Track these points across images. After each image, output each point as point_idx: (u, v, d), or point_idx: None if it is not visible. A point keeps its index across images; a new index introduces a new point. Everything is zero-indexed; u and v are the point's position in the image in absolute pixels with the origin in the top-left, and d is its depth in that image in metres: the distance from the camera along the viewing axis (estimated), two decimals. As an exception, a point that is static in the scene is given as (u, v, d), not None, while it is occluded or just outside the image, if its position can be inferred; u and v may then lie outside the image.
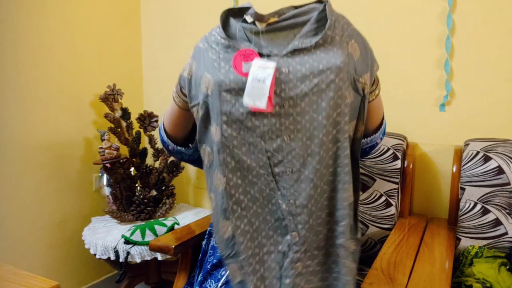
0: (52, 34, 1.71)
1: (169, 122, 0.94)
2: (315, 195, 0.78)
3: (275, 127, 0.77)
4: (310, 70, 0.74)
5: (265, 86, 0.70)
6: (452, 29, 1.42)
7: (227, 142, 0.76)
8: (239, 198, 0.78)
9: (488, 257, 1.14)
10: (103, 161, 1.67)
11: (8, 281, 0.83)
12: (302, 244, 0.79)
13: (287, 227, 0.79)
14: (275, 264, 0.80)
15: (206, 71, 0.77)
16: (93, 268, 1.93)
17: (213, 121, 0.77)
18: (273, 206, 0.80)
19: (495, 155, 1.21)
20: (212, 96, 0.76)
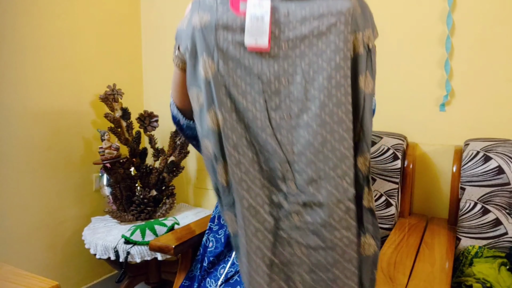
0: (52, 34, 1.71)
1: (175, 92, 0.90)
2: (314, 143, 0.73)
3: (273, 69, 0.74)
4: (310, 13, 0.72)
5: (264, 23, 0.69)
6: (452, 29, 1.42)
7: (224, 79, 0.73)
8: (237, 142, 0.74)
9: (488, 257, 1.14)
10: (103, 161, 1.67)
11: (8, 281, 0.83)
12: (299, 195, 0.74)
13: (284, 178, 0.75)
14: (270, 217, 0.75)
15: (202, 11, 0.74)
16: (93, 268, 1.93)
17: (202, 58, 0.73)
18: (269, 154, 0.75)
19: (495, 155, 1.21)
20: (205, 30, 0.73)
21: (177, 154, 1.84)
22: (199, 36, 0.73)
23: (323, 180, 0.73)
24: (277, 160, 0.74)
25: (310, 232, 0.75)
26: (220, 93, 0.73)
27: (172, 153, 1.85)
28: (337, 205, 0.73)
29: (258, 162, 0.75)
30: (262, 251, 0.75)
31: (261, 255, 0.75)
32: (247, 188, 0.74)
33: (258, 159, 0.75)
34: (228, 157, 0.73)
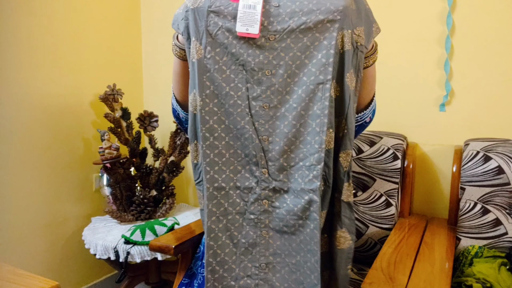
0: (52, 34, 1.71)
1: (175, 83, 0.91)
2: (289, 135, 0.76)
3: (258, 59, 0.76)
4: (300, 8, 0.74)
5: (256, 12, 0.71)
6: (452, 29, 1.42)
7: (209, 64, 0.76)
8: (213, 126, 0.77)
9: (488, 257, 1.14)
10: (103, 161, 1.67)
11: (8, 281, 0.83)
12: (270, 181, 0.78)
13: (257, 163, 0.78)
14: (240, 200, 0.80)
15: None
16: (93, 268, 1.93)
17: (192, 39, 0.76)
18: (245, 141, 0.78)
19: (495, 155, 1.21)
20: (198, 13, 0.75)
21: (177, 154, 1.84)
22: (192, 18, 0.75)
23: (292, 169, 0.78)
24: (253, 147, 0.78)
25: (277, 217, 0.80)
26: (203, 78, 0.76)
27: (172, 153, 1.85)
28: (302, 196, 0.77)
29: (234, 147, 0.79)
30: (229, 231, 0.80)
31: (228, 234, 0.80)
32: (218, 169, 0.78)
33: (235, 145, 0.79)
34: (201, 138, 0.77)
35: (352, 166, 0.87)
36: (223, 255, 0.80)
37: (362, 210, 1.39)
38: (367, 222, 1.38)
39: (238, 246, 0.80)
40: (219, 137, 0.78)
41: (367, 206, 1.39)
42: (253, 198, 0.80)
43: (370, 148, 1.40)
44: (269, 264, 0.81)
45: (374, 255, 1.13)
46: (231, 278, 0.80)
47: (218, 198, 0.79)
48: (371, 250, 1.39)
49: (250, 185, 0.80)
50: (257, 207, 0.79)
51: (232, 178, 0.80)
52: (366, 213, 1.39)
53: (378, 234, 1.37)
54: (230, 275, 0.80)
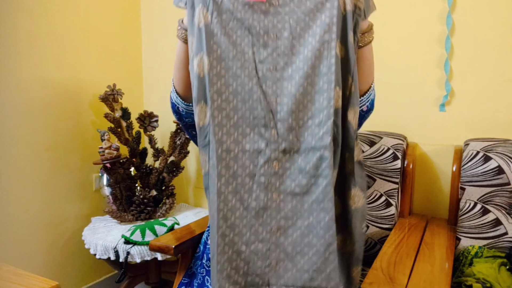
0: (52, 34, 1.71)
1: (178, 72, 0.90)
2: (297, 95, 0.77)
3: (263, 23, 0.78)
4: None
5: None
6: (452, 29, 1.42)
7: (216, 29, 0.77)
8: (221, 88, 0.78)
9: (488, 257, 1.14)
10: (103, 161, 1.67)
11: (8, 281, 0.83)
12: (280, 143, 0.78)
13: (266, 126, 0.79)
14: (249, 162, 0.79)
15: None
16: (93, 268, 1.93)
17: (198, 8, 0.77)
18: (254, 103, 0.79)
19: (495, 155, 1.21)
20: None
21: (177, 154, 1.84)
22: None
23: (301, 128, 0.78)
24: (261, 109, 0.78)
25: (288, 178, 0.79)
26: (210, 42, 0.77)
27: (172, 153, 1.85)
28: (313, 153, 0.77)
29: (242, 110, 0.79)
30: (239, 193, 0.79)
31: (238, 197, 0.79)
32: (226, 132, 0.78)
33: (243, 107, 0.79)
34: (210, 100, 0.77)
35: None
36: (234, 219, 0.78)
37: (362, 210, 1.39)
38: (367, 222, 1.38)
39: (249, 210, 0.79)
40: (226, 100, 0.78)
41: (367, 206, 1.39)
42: (263, 160, 0.79)
43: (370, 148, 1.40)
44: (281, 228, 0.80)
45: (374, 255, 1.13)
46: (242, 243, 0.79)
47: (227, 161, 0.78)
48: (371, 250, 1.39)
49: (259, 148, 0.79)
50: (268, 169, 0.79)
51: (241, 141, 0.79)
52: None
53: (378, 234, 1.37)
54: (241, 239, 0.79)
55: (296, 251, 0.79)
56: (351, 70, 0.79)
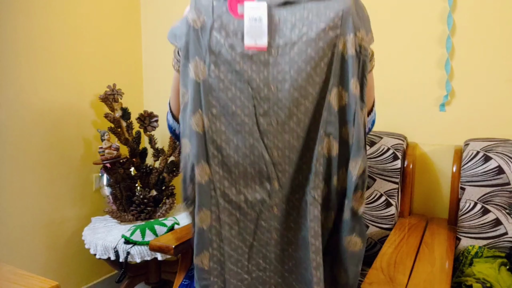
0: (52, 34, 1.71)
1: (174, 99, 0.90)
2: (297, 146, 0.77)
3: (263, 75, 0.75)
4: (301, 20, 0.73)
5: (263, 24, 0.70)
6: (453, 29, 1.42)
7: (214, 83, 0.74)
8: (221, 145, 0.76)
9: (488, 257, 1.14)
10: (103, 161, 1.67)
11: (8, 281, 0.83)
12: (281, 191, 0.79)
13: (269, 178, 0.78)
14: (251, 211, 0.80)
15: (198, 11, 0.75)
16: (93, 268, 1.93)
17: (194, 60, 0.74)
18: (255, 158, 0.77)
19: (495, 155, 1.21)
20: (200, 31, 0.74)
21: (177, 154, 1.84)
22: (194, 36, 0.74)
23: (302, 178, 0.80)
24: (263, 163, 0.78)
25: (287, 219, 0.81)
26: (208, 97, 0.74)
27: (172, 153, 1.85)
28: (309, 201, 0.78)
29: (244, 164, 0.78)
30: (243, 236, 0.81)
31: (242, 239, 0.81)
32: (229, 185, 0.78)
33: (245, 161, 0.78)
34: (210, 158, 0.76)
35: None
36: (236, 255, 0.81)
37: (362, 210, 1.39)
38: (367, 222, 1.38)
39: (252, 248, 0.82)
40: (227, 156, 0.77)
41: (367, 206, 1.39)
42: (264, 208, 0.80)
43: (370, 148, 1.40)
44: (277, 258, 0.82)
45: (374, 255, 1.13)
46: (244, 272, 0.81)
47: (232, 211, 0.80)
48: (371, 250, 1.39)
49: (262, 198, 0.79)
50: (268, 214, 0.80)
51: (244, 193, 0.79)
52: (366, 213, 1.38)
53: (378, 234, 1.37)
54: (243, 270, 0.81)
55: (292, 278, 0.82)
56: (351, 119, 0.76)
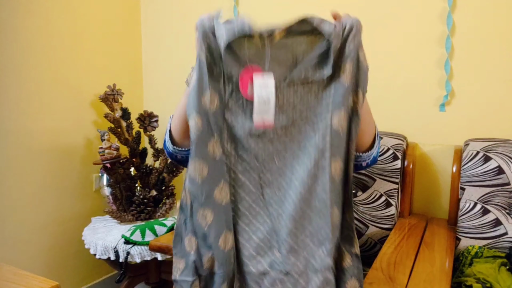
0: (52, 34, 1.71)
1: (180, 124, 0.90)
2: (296, 217, 0.80)
3: (268, 150, 0.82)
4: (306, 103, 0.80)
5: (271, 105, 0.75)
6: (452, 29, 1.42)
7: (227, 159, 0.82)
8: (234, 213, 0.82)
9: (488, 257, 1.14)
10: (103, 161, 1.67)
11: (8, 281, 0.83)
12: (284, 264, 0.80)
13: (271, 247, 0.81)
14: (254, 284, 0.82)
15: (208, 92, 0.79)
16: (93, 268, 1.93)
17: (213, 138, 0.80)
18: (260, 224, 0.82)
19: (495, 155, 1.21)
20: (216, 113, 0.80)
21: (177, 154, 1.84)
22: (213, 118, 0.80)
23: (301, 249, 0.81)
24: (266, 230, 0.81)
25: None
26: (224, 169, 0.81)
27: (172, 153, 1.84)
28: (316, 275, 0.80)
29: (249, 233, 0.82)
30: None
31: None
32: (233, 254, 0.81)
33: (249, 229, 0.82)
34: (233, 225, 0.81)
35: None
36: None
37: (362, 210, 1.39)
38: (367, 222, 1.38)
39: None
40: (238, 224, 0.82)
41: (367, 206, 1.39)
42: (268, 282, 0.81)
43: (370, 148, 1.40)
44: None
45: (374, 255, 1.13)
46: None
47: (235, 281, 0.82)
48: (371, 250, 1.39)
49: (264, 269, 0.82)
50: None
51: (246, 263, 0.82)
52: (366, 213, 1.38)
53: (378, 234, 1.37)
54: None
55: None
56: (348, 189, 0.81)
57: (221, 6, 1.85)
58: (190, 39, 2.00)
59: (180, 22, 2.02)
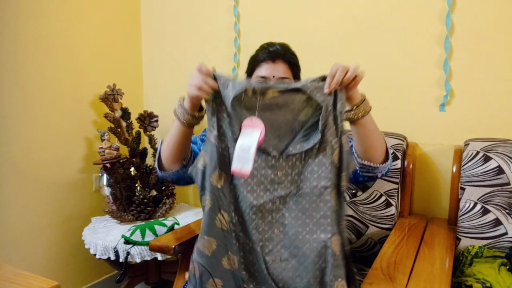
0: (52, 34, 1.71)
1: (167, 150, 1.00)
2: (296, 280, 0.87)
3: (267, 220, 0.89)
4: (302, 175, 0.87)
5: (250, 154, 0.78)
6: (451, 29, 1.42)
7: (235, 228, 0.89)
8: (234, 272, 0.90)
9: (488, 257, 1.14)
10: (103, 161, 1.67)
11: (8, 281, 0.83)
12: None
13: None
14: None
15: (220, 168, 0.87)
16: (93, 268, 1.93)
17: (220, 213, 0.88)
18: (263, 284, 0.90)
19: (495, 155, 1.21)
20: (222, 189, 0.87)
21: (177, 154, 1.84)
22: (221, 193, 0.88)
23: None
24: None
25: None
26: (232, 241, 0.89)
27: (172, 153, 1.84)
28: None
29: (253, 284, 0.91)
30: None
31: None
32: None
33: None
34: None
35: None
36: None
37: (362, 210, 1.39)
38: (367, 222, 1.38)
39: None
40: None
41: (367, 206, 1.39)
42: None
43: (370, 148, 1.40)
44: None
45: (374, 255, 1.13)
46: None
47: None
48: (371, 250, 1.39)
49: None
50: None
51: None
52: (366, 213, 1.39)
53: (378, 234, 1.37)
54: None
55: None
56: None
57: (221, 6, 1.84)
58: (190, 39, 2.00)
59: (180, 22, 2.02)
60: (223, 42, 1.88)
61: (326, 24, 1.64)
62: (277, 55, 1.03)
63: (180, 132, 0.95)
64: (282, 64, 1.03)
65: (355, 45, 1.58)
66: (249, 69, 1.09)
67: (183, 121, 0.92)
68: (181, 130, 0.95)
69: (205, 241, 0.89)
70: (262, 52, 1.05)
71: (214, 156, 0.87)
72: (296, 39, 1.49)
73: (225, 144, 0.87)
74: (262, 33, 1.76)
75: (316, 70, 1.70)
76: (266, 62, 1.03)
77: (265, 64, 1.03)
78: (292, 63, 1.06)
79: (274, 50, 1.03)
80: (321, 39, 1.65)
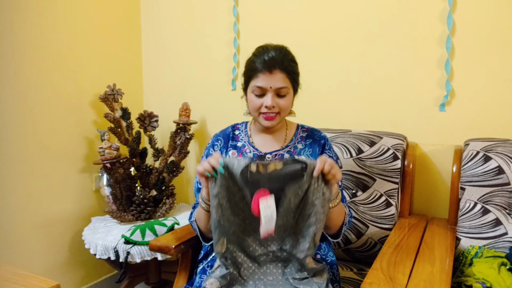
0: (52, 34, 1.71)
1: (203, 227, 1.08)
2: None
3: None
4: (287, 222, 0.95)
5: (273, 220, 0.89)
6: (453, 29, 1.42)
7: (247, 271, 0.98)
8: None
9: (488, 257, 1.14)
10: (103, 161, 1.67)
11: (8, 281, 0.83)
12: None
13: None
14: None
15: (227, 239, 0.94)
16: (93, 268, 1.93)
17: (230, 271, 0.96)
18: None
19: (495, 155, 1.21)
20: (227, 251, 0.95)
21: (177, 154, 1.84)
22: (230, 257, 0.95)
23: None
24: None
25: None
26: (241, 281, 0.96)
27: (172, 153, 1.85)
28: None
29: None
30: None
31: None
32: None
33: None
34: None
35: (353, 166, 0.96)
36: None
37: (362, 210, 1.39)
38: (367, 222, 1.38)
39: None
40: None
41: (367, 206, 1.39)
42: None
43: (370, 148, 1.40)
44: None
45: (374, 255, 1.13)
46: None
47: None
48: (371, 250, 1.39)
49: None
50: None
51: None
52: (366, 213, 1.38)
53: (378, 234, 1.37)
54: None
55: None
56: None
57: (221, 6, 1.84)
58: (190, 39, 2.00)
59: (180, 22, 2.02)
60: (222, 42, 1.88)
61: (327, 23, 1.63)
62: (274, 64, 1.00)
63: (205, 215, 1.03)
64: (280, 74, 1.01)
65: (355, 45, 1.58)
66: (246, 77, 1.08)
67: (205, 208, 1.01)
68: (205, 214, 1.02)
69: None
70: (258, 60, 1.02)
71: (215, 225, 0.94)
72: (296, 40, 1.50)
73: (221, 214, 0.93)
74: (262, 33, 1.76)
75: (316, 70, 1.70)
76: (263, 72, 1.01)
77: (261, 75, 1.01)
78: (290, 71, 1.03)
79: (271, 58, 1.01)
80: (321, 39, 1.65)
